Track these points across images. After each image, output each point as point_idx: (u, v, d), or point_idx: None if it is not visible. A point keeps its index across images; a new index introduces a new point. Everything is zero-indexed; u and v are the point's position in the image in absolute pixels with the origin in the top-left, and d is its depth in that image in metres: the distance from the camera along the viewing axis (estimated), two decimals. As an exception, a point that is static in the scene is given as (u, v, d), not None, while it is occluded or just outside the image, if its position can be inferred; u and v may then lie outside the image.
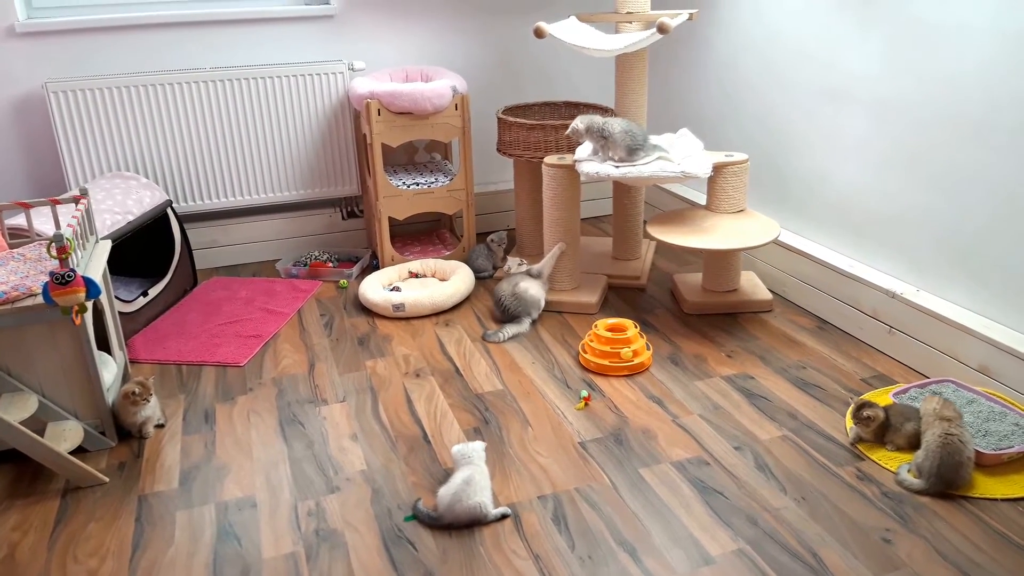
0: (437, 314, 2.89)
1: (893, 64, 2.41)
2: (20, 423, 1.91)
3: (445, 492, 1.83)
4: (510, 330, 2.71)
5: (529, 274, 2.82)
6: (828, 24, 2.64)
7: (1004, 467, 1.93)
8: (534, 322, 2.78)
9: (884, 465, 1.97)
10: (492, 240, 3.25)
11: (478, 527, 1.81)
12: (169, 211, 2.98)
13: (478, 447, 1.94)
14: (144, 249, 2.95)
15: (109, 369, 2.25)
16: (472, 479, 1.83)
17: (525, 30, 3.52)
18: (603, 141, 2.66)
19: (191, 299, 3.04)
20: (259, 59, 3.21)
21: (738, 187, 2.74)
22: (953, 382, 2.21)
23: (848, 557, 1.69)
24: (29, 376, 2.04)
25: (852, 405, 2.07)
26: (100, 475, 2.01)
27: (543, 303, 2.79)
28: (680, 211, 2.87)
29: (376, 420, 2.26)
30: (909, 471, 1.92)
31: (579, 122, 2.69)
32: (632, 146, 2.61)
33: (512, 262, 2.96)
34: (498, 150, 3.19)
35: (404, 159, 3.49)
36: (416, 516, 1.85)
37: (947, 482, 1.85)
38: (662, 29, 2.59)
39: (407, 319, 2.86)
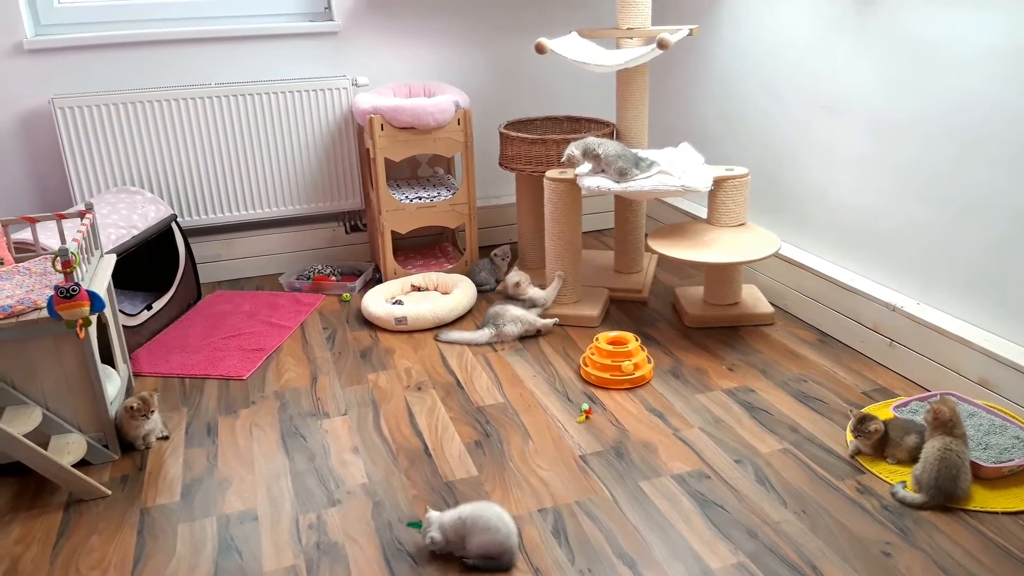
0: (439, 327, 2.89)
1: (891, 79, 2.43)
2: (24, 436, 1.92)
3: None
4: (456, 335, 2.79)
5: (534, 304, 2.85)
6: (827, 39, 2.66)
7: (1004, 480, 1.93)
8: (519, 338, 2.78)
9: (884, 478, 1.97)
10: (496, 254, 3.27)
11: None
12: (173, 225, 3.00)
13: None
14: (148, 263, 2.97)
15: (113, 382, 2.26)
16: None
17: (527, 46, 3.55)
18: (598, 161, 2.68)
19: (195, 313, 3.05)
20: (264, 75, 3.24)
21: (739, 201, 2.76)
22: (953, 395, 2.21)
23: (848, 571, 1.69)
24: (33, 389, 2.06)
25: (852, 419, 2.07)
26: (103, 488, 2.02)
27: (525, 319, 2.77)
28: (681, 224, 2.89)
29: (377, 433, 2.27)
30: (905, 487, 1.92)
31: (573, 148, 2.72)
32: (624, 168, 2.63)
33: (511, 278, 2.88)
34: (500, 164, 3.21)
35: (407, 173, 3.51)
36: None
37: (947, 494, 1.84)
38: (662, 45, 2.62)
39: (409, 332, 2.87)
